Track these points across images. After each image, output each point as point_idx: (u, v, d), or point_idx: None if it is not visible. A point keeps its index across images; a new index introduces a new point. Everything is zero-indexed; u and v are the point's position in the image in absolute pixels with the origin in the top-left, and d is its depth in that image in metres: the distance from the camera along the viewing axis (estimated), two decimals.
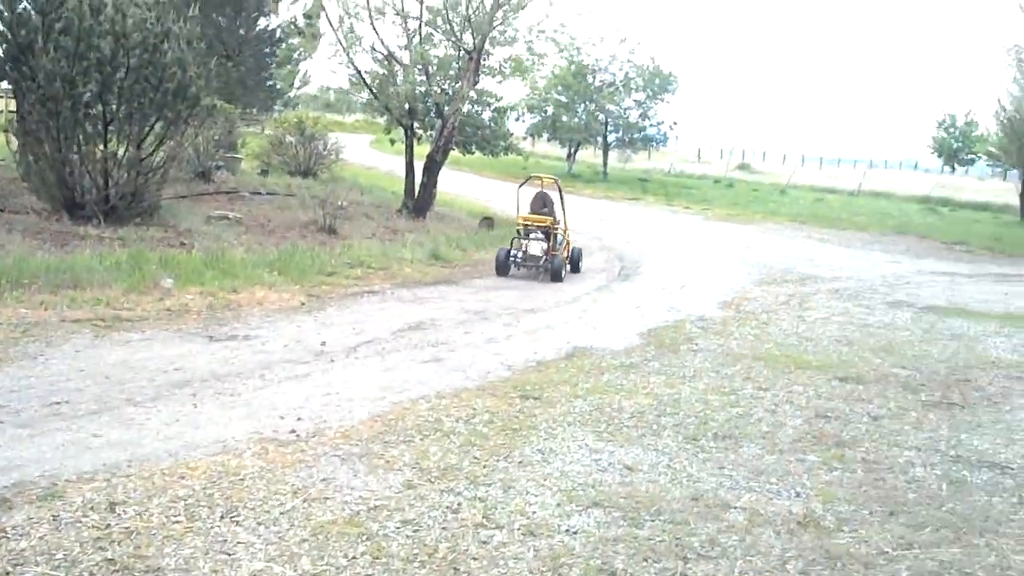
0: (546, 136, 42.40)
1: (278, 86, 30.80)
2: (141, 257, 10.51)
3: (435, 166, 18.47)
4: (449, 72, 19.29)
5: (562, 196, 14.54)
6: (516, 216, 14.75)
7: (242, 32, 31.29)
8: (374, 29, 18.25)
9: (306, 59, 31.58)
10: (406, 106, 18.27)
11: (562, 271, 13.42)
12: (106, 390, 6.30)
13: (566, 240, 14.16)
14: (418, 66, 18.34)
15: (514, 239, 13.90)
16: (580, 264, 14.46)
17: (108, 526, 4.20)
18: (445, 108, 18.22)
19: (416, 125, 19.88)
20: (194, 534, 4.20)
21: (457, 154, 24.88)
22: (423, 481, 5.04)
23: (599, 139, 41.71)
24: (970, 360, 9.27)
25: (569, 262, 14.09)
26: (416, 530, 4.41)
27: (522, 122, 42.02)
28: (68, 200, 12.63)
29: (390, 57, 18.47)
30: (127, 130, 12.97)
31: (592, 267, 14.98)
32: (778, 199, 34.97)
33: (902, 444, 6.30)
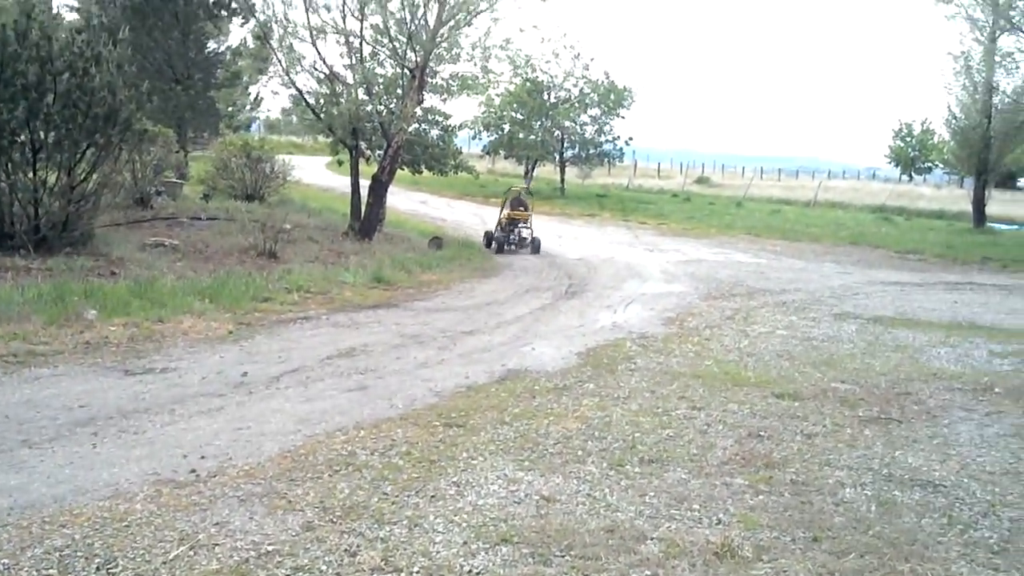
0: (503, 153, 42.22)
1: (229, 109, 30.45)
2: (64, 288, 10.16)
3: (381, 186, 18.16)
4: (396, 91, 19.04)
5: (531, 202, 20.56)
6: (500, 214, 21.08)
7: (191, 55, 30.97)
8: (315, 48, 18.01)
9: (256, 82, 31.28)
10: (350, 126, 17.99)
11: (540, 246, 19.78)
12: (2, 431, 5.99)
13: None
14: (362, 86, 18.08)
15: (497, 228, 20.31)
16: (540, 247, 19.93)
17: None
18: (391, 127, 17.95)
19: (363, 145, 19.62)
20: None
21: (411, 174, 24.66)
22: (324, 522, 4.77)
23: (556, 156, 41.64)
24: (912, 372, 9.14)
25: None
26: None
27: (479, 140, 41.95)
28: None
29: (332, 77, 18.20)
30: (57, 157, 12.61)
31: (539, 285, 14.77)
32: (734, 212, 34.99)
33: (834, 463, 6.11)
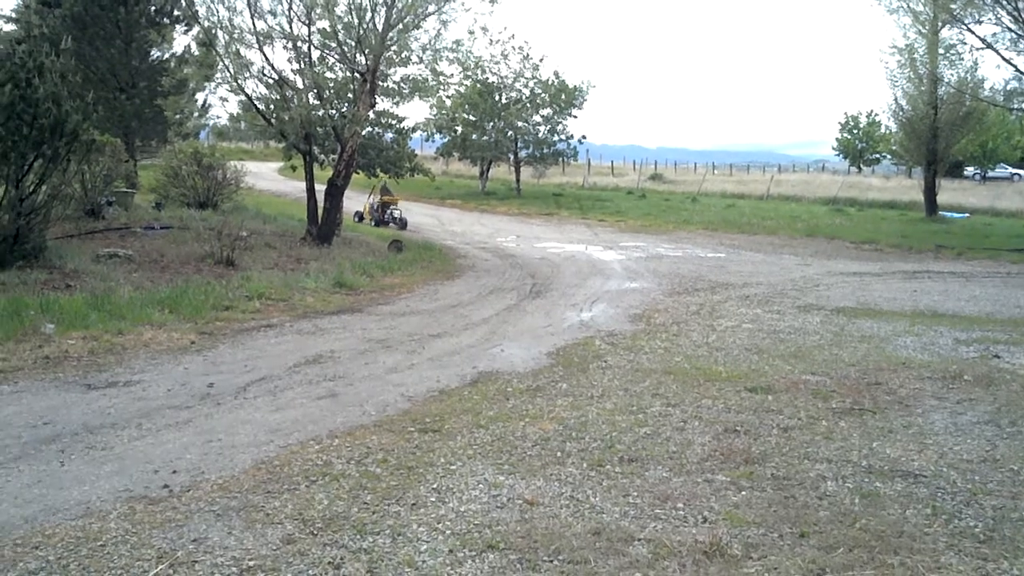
0: (457, 155, 42.14)
1: (177, 116, 30.00)
2: (20, 303, 9.89)
3: (337, 191, 17.97)
4: (347, 95, 18.85)
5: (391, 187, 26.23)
6: (370, 199, 26.56)
7: (135, 63, 30.44)
8: (263, 54, 17.75)
9: (203, 89, 30.84)
10: (302, 131, 17.77)
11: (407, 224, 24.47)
12: None
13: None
14: (312, 90, 17.87)
15: (369, 209, 26.22)
16: (407, 225, 24.88)
17: None
18: (344, 132, 17.75)
19: (317, 150, 19.42)
20: None
21: (366, 178, 24.48)
22: (305, 534, 4.64)
23: (510, 156, 41.63)
24: (881, 362, 9.20)
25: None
26: None
27: (432, 142, 41.82)
28: None
29: (282, 82, 17.96)
30: (4, 170, 12.27)
31: (503, 286, 14.69)
32: (690, 207, 35.23)
33: (813, 456, 6.11)
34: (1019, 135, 58.91)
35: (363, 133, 18.78)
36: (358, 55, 17.45)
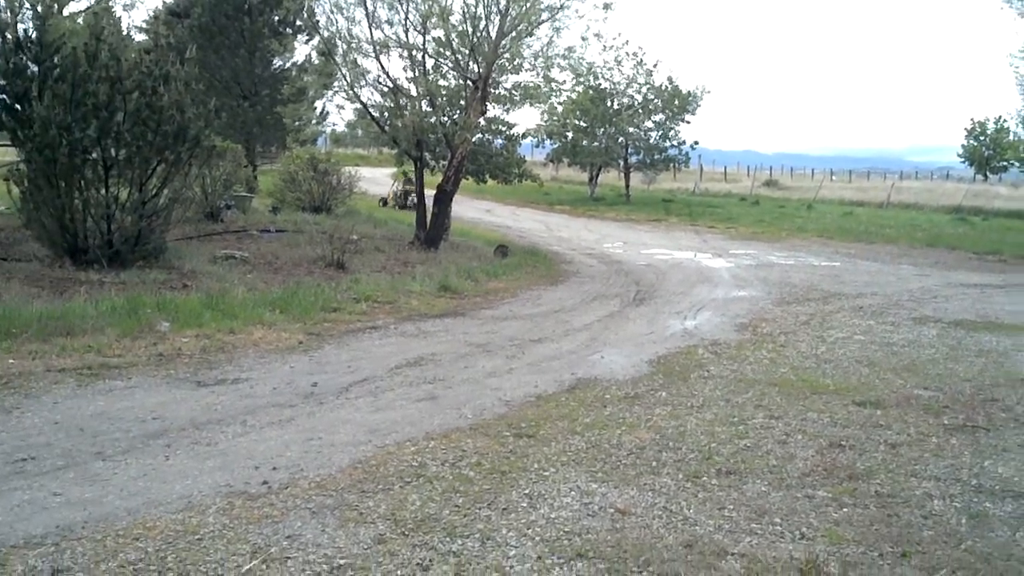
0: (566, 161, 42.16)
1: (296, 124, 30.90)
2: (138, 301, 10.30)
3: (445, 196, 18.20)
4: (459, 103, 19.07)
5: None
6: (395, 187, 32.91)
7: (258, 72, 31.51)
8: (379, 62, 18.13)
9: (322, 97, 31.62)
10: (414, 138, 18.06)
11: None
12: (77, 444, 6.02)
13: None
14: (425, 98, 18.15)
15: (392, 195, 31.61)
16: None
17: None
18: (454, 138, 17.96)
19: (427, 156, 19.70)
20: None
21: (475, 184, 24.74)
22: (396, 535, 4.69)
23: (620, 162, 41.42)
24: (998, 378, 8.78)
25: None
26: None
27: (542, 148, 41.94)
28: (71, 246, 12.50)
29: (396, 90, 18.29)
30: (128, 173, 12.83)
31: (606, 292, 14.60)
32: (805, 215, 34.38)
33: (920, 474, 5.86)
34: None
35: (473, 140, 18.94)
36: (471, 63, 17.64)
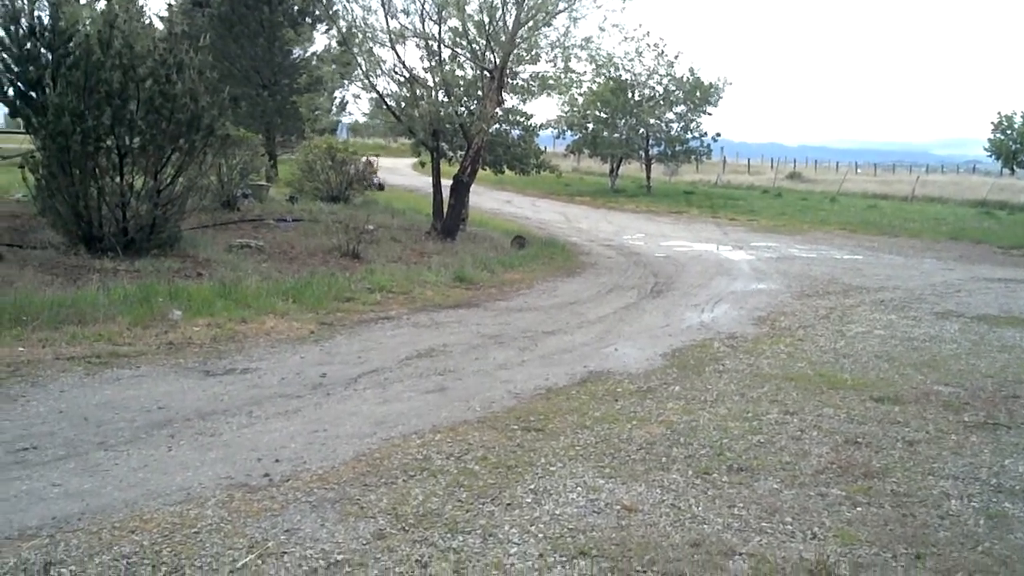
0: (587, 152, 41.93)
1: (315, 113, 30.87)
2: (150, 290, 10.26)
3: (462, 187, 18.08)
4: (476, 93, 18.93)
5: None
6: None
7: (278, 61, 31.48)
8: (395, 52, 18.03)
9: (341, 86, 31.59)
10: (431, 128, 17.95)
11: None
12: (80, 433, 5.97)
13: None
14: (441, 88, 18.03)
15: None
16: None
17: None
18: (471, 128, 17.84)
19: (445, 146, 19.60)
20: None
21: (493, 174, 24.62)
22: (396, 530, 4.59)
23: (641, 153, 41.14)
24: (1021, 374, 8.57)
25: None
26: None
27: (563, 139, 41.74)
28: (86, 233, 12.49)
29: (413, 79, 18.17)
30: (143, 162, 12.80)
31: (623, 284, 14.45)
32: (828, 208, 34.01)
33: (938, 472, 5.70)
34: None
35: (490, 130, 18.79)
36: (488, 53, 17.51)
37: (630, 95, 38.86)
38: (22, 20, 12.56)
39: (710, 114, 40.18)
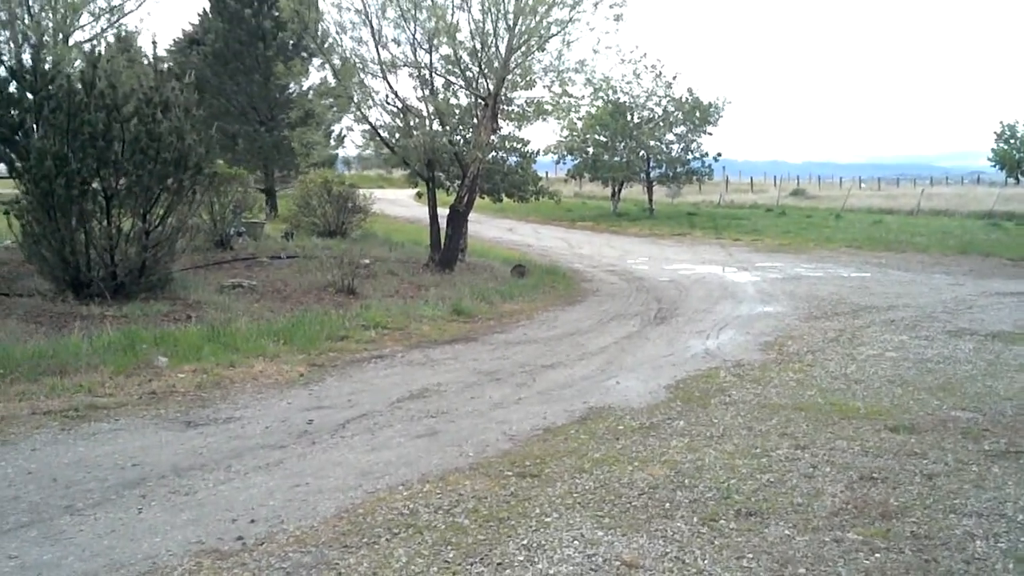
0: (588, 176, 41.70)
1: (314, 148, 30.74)
2: (135, 336, 9.95)
3: (459, 216, 17.76)
4: (470, 121, 18.66)
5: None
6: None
7: (275, 96, 31.35)
8: (387, 82, 17.76)
9: (338, 119, 31.43)
10: (425, 158, 17.66)
11: None
12: (47, 496, 5.61)
13: None
14: (435, 117, 17.75)
15: None
16: None
17: None
18: (466, 157, 17.55)
19: (441, 176, 19.32)
20: None
21: (492, 202, 24.36)
22: None
23: (643, 176, 40.86)
24: None
25: None
26: None
27: (563, 164, 41.52)
28: (73, 279, 12.19)
29: (406, 109, 17.90)
30: (130, 203, 12.51)
31: (625, 311, 14.09)
32: (833, 224, 33.67)
33: (960, 509, 5.31)
34: None
35: (486, 158, 18.51)
36: (481, 80, 17.24)
37: (629, 117, 38.65)
38: (3, 62, 12.33)
39: (710, 134, 39.97)
